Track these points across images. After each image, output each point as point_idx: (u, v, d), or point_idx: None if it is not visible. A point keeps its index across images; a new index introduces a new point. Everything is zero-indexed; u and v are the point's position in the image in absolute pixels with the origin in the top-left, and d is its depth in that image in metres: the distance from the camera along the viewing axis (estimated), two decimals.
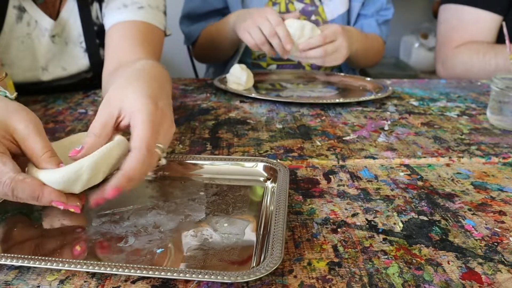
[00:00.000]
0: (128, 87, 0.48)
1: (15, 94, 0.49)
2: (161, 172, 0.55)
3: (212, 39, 1.13)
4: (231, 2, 1.15)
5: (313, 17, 1.15)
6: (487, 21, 1.14)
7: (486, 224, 0.45)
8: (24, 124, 0.42)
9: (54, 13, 0.85)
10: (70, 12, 0.85)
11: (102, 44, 0.87)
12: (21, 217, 0.46)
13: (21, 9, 0.81)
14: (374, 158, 0.60)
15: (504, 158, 0.61)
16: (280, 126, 0.73)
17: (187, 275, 0.35)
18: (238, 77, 0.93)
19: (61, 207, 0.41)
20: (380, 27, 1.19)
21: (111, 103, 0.47)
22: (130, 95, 0.47)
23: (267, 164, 0.54)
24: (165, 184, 0.53)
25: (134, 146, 0.43)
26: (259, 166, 0.54)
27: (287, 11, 1.15)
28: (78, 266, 0.36)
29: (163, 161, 0.46)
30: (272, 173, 0.53)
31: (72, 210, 0.42)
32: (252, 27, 0.92)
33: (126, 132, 0.47)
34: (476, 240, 0.42)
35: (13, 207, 0.47)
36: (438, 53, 1.23)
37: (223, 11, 1.17)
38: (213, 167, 0.55)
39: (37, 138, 0.42)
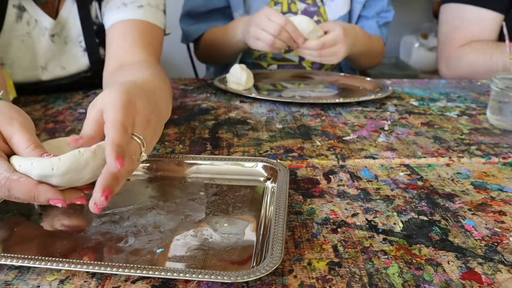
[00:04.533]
0: (109, 88, 0.46)
1: (2, 92, 0.49)
2: (161, 172, 0.55)
3: (218, 45, 1.13)
4: (233, 1, 1.15)
5: (315, 18, 1.15)
6: (488, 20, 1.14)
7: (486, 224, 0.45)
8: (9, 122, 0.42)
9: (53, 12, 0.85)
10: (69, 11, 0.85)
11: (101, 43, 0.87)
12: (21, 217, 0.46)
13: (21, 8, 0.81)
14: (374, 158, 0.60)
15: (504, 158, 0.61)
16: (280, 126, 0.73)
17: (187, 275, 0.35)
18: (238, 77, 0.92)
19: (60, 205, 0.39)
20: (380, 29, 1.19)
21: (96, 105, 0.44)
22: (105, 92, 0.45)
23: (267, 164, 0.54)
24: (165, 184, 0.53)
25: (107, 126, 0.41)
26: (259, 166, 0.54)
27: (289, 11, 1.15)
28: (78, 266, 0.36)
29: (144, 156, 0.43)
30: (272, 173, 0.53)
31: (78, 202, 0.40)
32: (257, 32, 0.93)
33: None
34: (476, 240, 0.42)
35: (13, 207, 0.47)
36: (441, 53, 1.23)
37: (225, 10, 1.16)
38: (213, 167, 0.55)
39: (22, 133, 0.42)
